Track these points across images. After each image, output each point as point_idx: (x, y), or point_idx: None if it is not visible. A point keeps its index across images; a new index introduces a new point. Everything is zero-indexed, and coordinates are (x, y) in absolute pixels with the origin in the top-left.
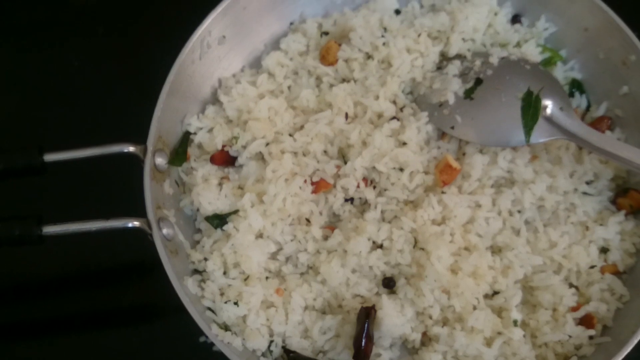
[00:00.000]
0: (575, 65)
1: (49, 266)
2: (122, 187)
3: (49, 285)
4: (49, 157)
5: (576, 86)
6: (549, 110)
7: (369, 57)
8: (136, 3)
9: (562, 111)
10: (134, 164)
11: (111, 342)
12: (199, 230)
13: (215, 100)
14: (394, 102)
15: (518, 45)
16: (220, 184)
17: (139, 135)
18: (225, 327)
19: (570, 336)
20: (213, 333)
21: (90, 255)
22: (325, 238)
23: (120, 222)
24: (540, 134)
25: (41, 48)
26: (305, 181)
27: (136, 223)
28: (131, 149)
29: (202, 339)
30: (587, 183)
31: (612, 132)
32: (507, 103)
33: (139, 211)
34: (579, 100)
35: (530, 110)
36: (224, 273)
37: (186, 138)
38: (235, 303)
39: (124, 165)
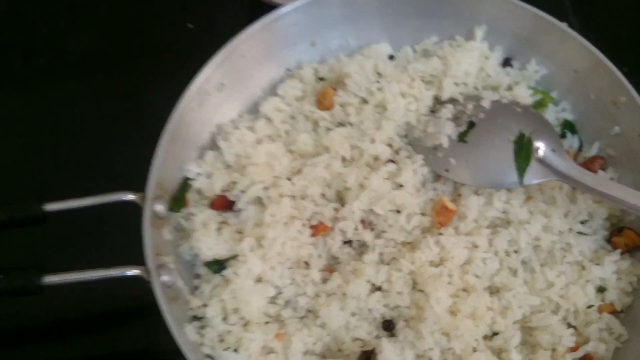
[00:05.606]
0: (566, 106)
1: (47, 312)
2: (121, 234)
3: (48, 331)
4: (49, 207)
5: (568, 127)
6: (541, 152)
7: (364, 101)
8: (135, 50)
9: (554, 153)
10: (134, 211)
11: None
12: (198, 276)
13: (213, 145)
14: (390, 145)
15: (509, 88)
16: (219, 229)
17: (138, 182)
18: None
19: None
20: None
21: (89, 301)
22: (324, 281)
23: (119, 271)
24: (534, 176)
25: (41, 96)
26: (303, 224)
27: (136, 271)
28: (130, 197)
29: None
30: (582, 222)
31: (605, 172)
32: (499, 146)
33: (139, 258)
34: (571, 141)
35: (523, 152)
36: (224, 319)
37: (185, 184)
38: (235, 350)
39: (123, 212)
